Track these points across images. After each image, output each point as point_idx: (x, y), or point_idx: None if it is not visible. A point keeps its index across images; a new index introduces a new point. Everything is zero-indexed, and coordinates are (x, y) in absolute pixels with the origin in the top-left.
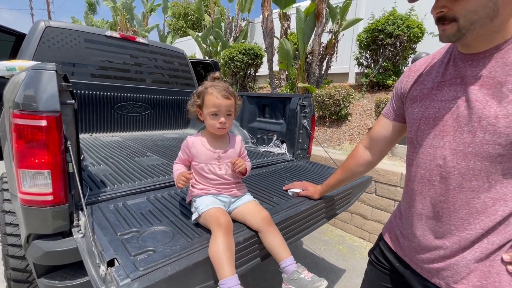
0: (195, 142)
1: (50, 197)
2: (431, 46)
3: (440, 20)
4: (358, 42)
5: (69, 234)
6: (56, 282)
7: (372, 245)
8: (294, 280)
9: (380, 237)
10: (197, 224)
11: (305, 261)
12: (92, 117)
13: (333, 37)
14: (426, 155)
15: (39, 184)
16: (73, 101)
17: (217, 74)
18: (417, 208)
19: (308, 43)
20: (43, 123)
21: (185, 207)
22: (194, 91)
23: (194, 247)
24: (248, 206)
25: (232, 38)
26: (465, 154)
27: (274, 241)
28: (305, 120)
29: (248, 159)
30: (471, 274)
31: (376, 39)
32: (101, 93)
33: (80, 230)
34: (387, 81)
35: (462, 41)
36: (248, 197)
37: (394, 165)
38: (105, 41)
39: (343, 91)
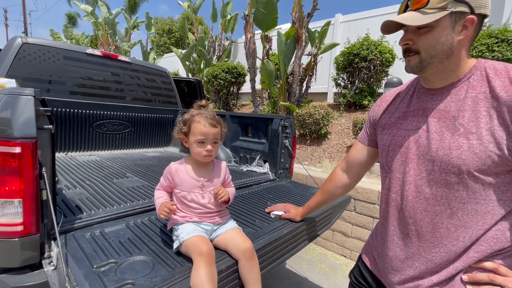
0: (179, 170)
1: (19, 228)
2: (402, 70)
3: (406, 52)
4: (335, 64)
5: (39, 266)
6: None
7: (354, 262)
8: None
9: (359, 258)
10: (179, 253)
11: (288, 281)
12: (69, 136)
13: (312, 59)
14: (395, 179)
15: (8, 213)
16: (50, 126)
17: (203, 102)
18: (390, 230)
19: (289, 65)
20: (17, 149)
21: (166, 234)
22: (180, 118)
23: (176, 277)
24: (231, 234)
25: (215, 57)
26: (428, 181)
27: (250, 276)
28: (287, 140)
29: (232, 185)
30: None
31: (352, 62)
32: (79, 110)
33: (51, 262)
34: (363, 101)
35: (423, 72)
36: (231, 224)
37: (372, 182)
38: (85, 59)
39: (322, 110)
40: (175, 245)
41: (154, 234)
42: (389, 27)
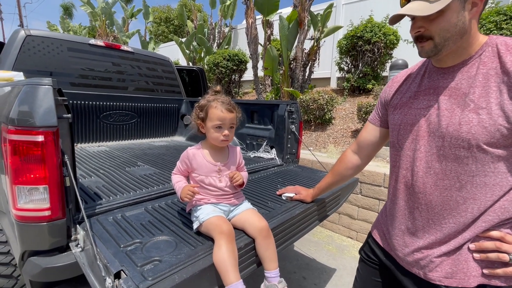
0: (196, 155)
1: (47, 213)
2: (406, 52)
3: (418, 39)
4: (338, 48)
5: (66, 249)
6: None
7: (361, 243)
8: None
9: (369, 235)
10: (198, 233)
11: (296, 262)
12: (78, 127)
13: (315, 43)
14: (406, 157)
15: (35, 199)
16: (69, 115)
17: (218, 87)
18: (400, 205)
19: (292, 50)
20: (40, 138)
21: (184, 216)
22: (197, 104)
23: (198, 254)
24: (247, 214)
25: (215, 44)
26: (438, 156)
27: (267, 253)
28: (293, 126)
29: (245, 169)
30: (444, 263)
31: (356, 46)
32: (86, 102)
33: (78, 244)
34: (367, 85)
35: (438, 56)
36: (246, 205)
37: (377, 166)
38: (89, 50)
39: (326, 96)
40: (195, 225)
41: (172, 216)
42: (396, 18)
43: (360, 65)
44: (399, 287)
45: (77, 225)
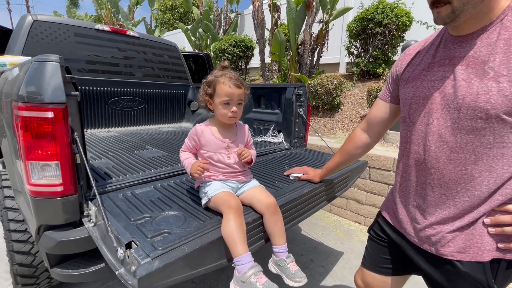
0: (204, 131)
1: (60, 188)
2: (419, 35)
3: (435, 4)
4: (348, 32)
5: (79, 224)
6: (70, 271)
7: (368, 227)
8: (279, 266)
9: (379, 214)
10: (207, 209)
11: (304, 246)
12: (87, 113)
13: (324, 27)
14: (417, 132)
15: (48, 175)
16: (77, 92)
17: (226, 63)
18: (412, 181)
19: (299, 34)
20: (49, 114)
21: (193, 194)
22: (204, 80)
23: (207, 228)
24: (255, 191)
25: (221, 31)
26: (453, 129)
27: (275, 229)
28: (301, 109)
29: (254, 148)
30: (457, 238)
31: (366, 28)
32: (95, 88)
33: (90, 219)
34: (378, 70)
35: (456, 22)
36: (254, 183)
37: (386, 150)
38: (95, 35)
39: (335, 80)
40: (204, 201)
41: (181, 194)
42: None
43: (371, 49)
44: (409, 264)
45: (89, 202)
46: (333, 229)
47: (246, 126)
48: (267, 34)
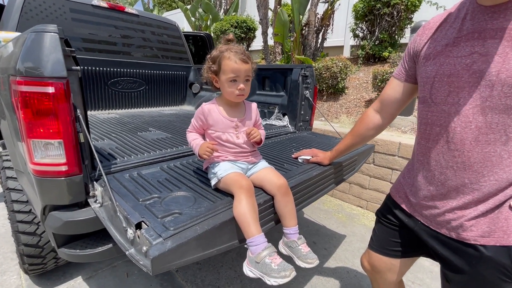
0: (212, 110)
1: (64, 168)
2: (428, 16)
3: None
4: (354, 13)
5: (85, 205)
6: (78, 251)
7: (371, 212)
8: (290, 247)
9: (388, 197)
10: (216, 190)
11: (307, 229)
12: (86, 94)
13: (329, 7)
14: (440, 112)
15: (52, 154)
16: (78, 67)
17: (231, 35)
18: (431, 165)
19: (304, 14)
20: (50, 90)
21: (201, 175)
22: (208, 56)
23: (218, 208)
24: (265, 172)
25: (222, 11)
26: (483, 108)
27: (285, 210)
28: (307, 91)
29: (263, 128)
30: (480, 222)
31: (373, 9)
32: (93, 68)
33: (97, 200)
34: (383, 53)
35: None
36: (264, 164)
37: (391, 135)
38: (92, 11)
39: (340, 63)
40: (213, 181)
41: (189, 175)
42: None
43: (377, 31)
44: (421, 247)
45: (94, 182)
46: (336, 213)
47: (255, 104)
48: (270, 14)
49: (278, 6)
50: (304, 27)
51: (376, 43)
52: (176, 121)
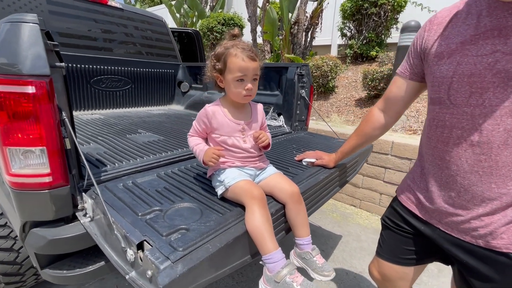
0: (216, 112)
1: (48, 179)
2: (413, 17)
3: None
4: (341, 12)
5: (72, 219)
6: (64, 271)
7: (364, 211)
8: (304, 259)
9: (397, 203)
10: (223, 199)
11: None
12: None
13: (318, 5)
14: (462, 114)
15: (33, 164)
16: (62, 64)
17: (236, 30)
18: (452, 170)
19: (293, 12)
20: (30, 89)
21: (203, 182)
22: (212, 53)
23: (229, 221)
24: (275, 179)
25: (208, 7)
26: (511, 110)
27: (298, 219)
28: (303, 90)
29: (268, 130)
30: (511, 228)
31: (361, 8)
32: (74, 65)
33: (86, 214)
34: (371, 53)
35: None
36: (272, 169)
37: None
38: (71, 4)
39: (331, 62)
40: (220, 191)
41: (190, 182)
42: None
43: (365, 30)
44: (437, 254)
45: (83, 193)
46: (330, 212)
47: (260, 105)
48: (258, 12)
49: (267, 3)
50: (293, 25)
51: (364, 43)
52: (166, 122)
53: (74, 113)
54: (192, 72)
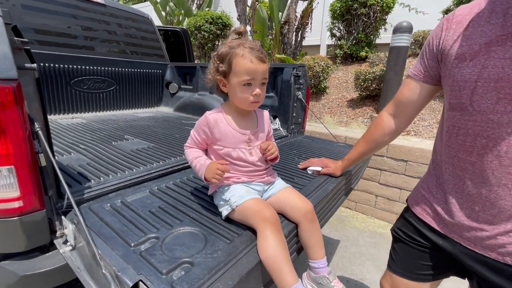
0: (219, 121)
1: (17, 203)
2: (401, 18)
3: None
4: (331, 12)
5: (50, 247)
6: None
7: (360, 214)
8: (320, 284)
9: (410, 214)
10: (228, 220)
11: None
12: (43, 95)
13: (309, 5)
14: (487, 122)
15: None
16: (34, 65)
17: (242, 28)
18: (475, 182)
19: (284, 11)
20: None
21: (203, 199)
22: (215, 53)
23: (239, 250)
24: (286, 195)
25: (195, 6)
26: None
27: (312, 239)
28: (300, 92)
29: (274, 139)
30: None
31: (351, 9)
32: (51, 65)
33: (67, 241)
34: (361, 53)
35: None
36: (281, 183)
37: None
38: None
39: (323, 62)
40: (225, 211)
41: (188, 200)
42: None
43: (354, 30)
44: (456, 267)
45: (63, 217)
46: None
47: (266, 112)
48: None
49: (256, 2)
50: (283, 25)
51: (353, 43)
52: (155, 126)
53: (52, 117)
54: (181, 72)
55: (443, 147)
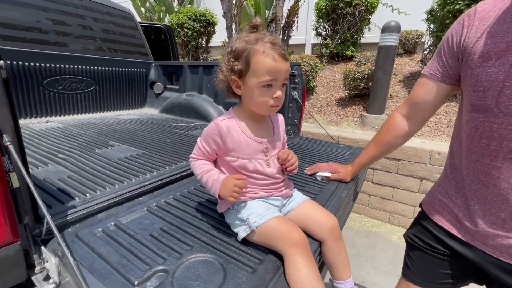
0: (232, 128)
1: None
2: (384, 19)
3: None
4: (316, 11)
5: (27, 282)
6: None
7: (356, 214)
8: None
9: (427, 220)
10: (245, 241)
11: None
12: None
13: (295, 4)
14: None
15: None
16: (1, 62)
17: (258, 19)
18: (502, 187)
19: (271, 9)
20: None
21: (212, 216)
22: (228, 49)
23: (267, 281)
24: (308, 209)
25: (176, 2)
26: None
27: (339, 259)
28: (295, 92)
29: (287, 146)
30: None
31: (336, 8)
32: (20, 63)
33: (49, 277)
34: (346, 52)
35: None
36: (299, 195)
37: (367, 134)
38: None
39: (311, 61)
40: (242, 232)
41: (195, 218)
42: None
43: (340, 30)
44: (477, 274)
45: (42, 247)
46: None
47: (281, 117)
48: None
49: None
50: (270, 23)
51: (339, 42)
52: (142, 130)
53: (22, 121)
54: (167, 71)
55: (464, 150)
